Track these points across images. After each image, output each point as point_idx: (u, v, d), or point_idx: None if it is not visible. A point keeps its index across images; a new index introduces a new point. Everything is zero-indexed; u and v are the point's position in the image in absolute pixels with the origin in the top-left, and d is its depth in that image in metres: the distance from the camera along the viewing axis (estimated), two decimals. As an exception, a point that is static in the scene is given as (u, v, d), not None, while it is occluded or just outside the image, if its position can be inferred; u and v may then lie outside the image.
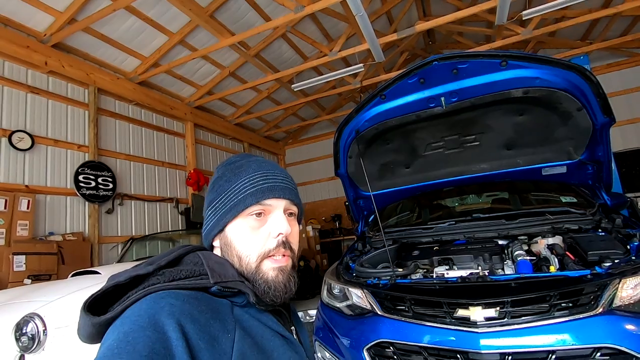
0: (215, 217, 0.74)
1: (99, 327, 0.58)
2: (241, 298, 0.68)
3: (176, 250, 0.70)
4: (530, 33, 5.75)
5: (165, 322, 0.53)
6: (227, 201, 0.73)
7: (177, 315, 0.55)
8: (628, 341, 1.31)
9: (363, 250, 2.59)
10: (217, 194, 0.75)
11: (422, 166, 2.70)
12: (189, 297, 0.60)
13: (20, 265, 3.84)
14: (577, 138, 2.21)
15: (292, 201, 0.76)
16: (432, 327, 1.55)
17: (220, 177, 0.77)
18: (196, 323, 0.56)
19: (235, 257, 0.71)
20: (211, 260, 0.70)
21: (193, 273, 0.65)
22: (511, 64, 1.92)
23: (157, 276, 0.63)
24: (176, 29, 5.38)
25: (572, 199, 2.52)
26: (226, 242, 0.73)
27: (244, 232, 0.72)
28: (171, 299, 0.57)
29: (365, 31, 4.96)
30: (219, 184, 0.76)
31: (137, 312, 0.55)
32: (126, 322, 0.54)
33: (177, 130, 6.92)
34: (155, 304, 0.56)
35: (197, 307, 0.59)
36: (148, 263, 0.65)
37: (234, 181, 0.74)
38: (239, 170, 0.75)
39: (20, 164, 4.30)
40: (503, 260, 1.98)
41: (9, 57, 4.27)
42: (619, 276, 1.47)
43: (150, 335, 0.51)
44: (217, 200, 0.74)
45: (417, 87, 2.15)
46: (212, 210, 0.75)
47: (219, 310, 0.62)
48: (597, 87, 1.88)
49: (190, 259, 0.70)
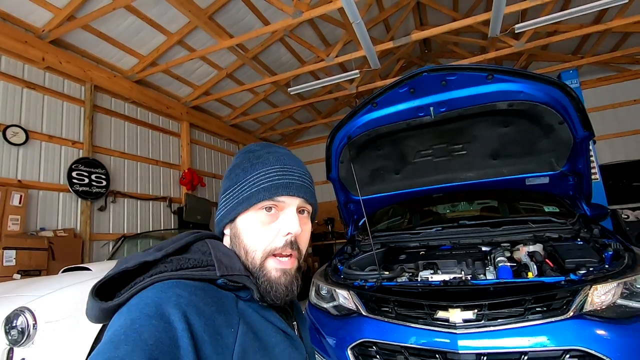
0: (228, 206, 0.73)
1: (106, 312, 0.59)
2: (246, 292, 0.68)
3: (185, 237, 0.70)
4: (522, 46, 5.89)
5: (171, 312, 0.54)
6: (241, 192, 0.72)
7: (184, 307, 0.55)
8: (596, 344, 1.38)
9: (352, 253, 2.65)
10: (233, 182, 0.74)
11: (411, 173, 2.78)
12: (195, 288, 0.60)
13: (10, 260, 3.83)
14: (558, 150, 2.31)
15: (306, 200, 0.74)
16: (413, 327, 1.61)
17: (238, 165, 0.75)
18: (202, 315, 0.56)
19: (242, 249, 0.71)
20: (219, 251, 0.69)
21: (200, 263, 0.65)
22: (497, 77, 2.01)
23: (165, 264, 0.63)
24: (175, 29, 5.43)
25: (555, 209, 2.62)
26: (235, 233, 0.72)
27: (254, 226, 0.70)
28: (178, 289, 0.58)
29: (362, 38, 5.05)
30: (235, 172, 0.75)
31: (145, 301, 0.55)
32: (133, 310, 0.54)
33: (172, 129, 6.94)
34: (162, 293, 0.57)
35: (204, 299, 0.59)
36: (157, 249, 0.65)
37: (250, 172, 0.72)
38: (257, 162, 0.73)
39: (14, 158, 4.30)
40: (485, 266, 2.06)
41: (6, 51, 4.29)
42: (591, 283, 1.55)
43: (156, 324, 0.52)
44: (231, 189, 0.73)
45: (407, 96, 2.22)
46: (226, 198, 0.74)
47: (224, 304, 0.62)
48: (578, 103, 1.97)
49: (199, 247, 0.70)
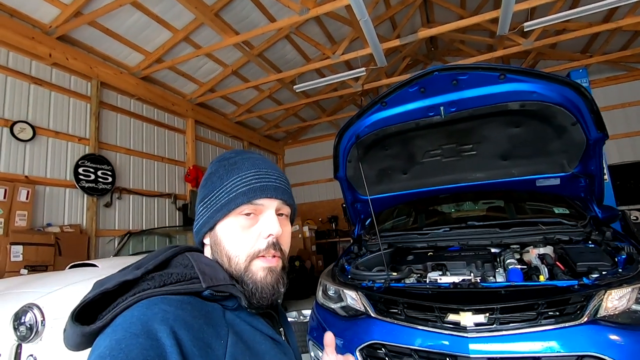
0: (206, 214, 0.73)
1: (89, 337, 0.56)
2: (232, 302, 0.67)
3: (163, 253, 0.68)
4: (531, 44, 5.83)
5: (158, 329, 0.52)
6: (218, 199, 0.71)
7: (171, 322, 0.54)
8: (610, 350, 1.36)
9: (359, 253, 2.64)
10: (209, 190, 0.73)
11: (419, 173, 2.76)
12: (182, 303, 0.58)
13: (18, 256, 3.86)
14: (570, 152, 2.27)
15: (284, 201, 0.75)
16: (423, 330, 1.60)
17: (214, 173, 0.75)
18: (190, 329, 0.55)
19: (224, 256, 0.70)
20: (201, 262, 0.68)
21: (184, 277, 0.64)
22: (509, 77, 1.98)
23: (147, 281, 0.61)
24: (181, 26, 5.42)
25: (565, 211, 2.59)
26: (216, 241, 0.72)
27: (234, 232, 0.70)
28: (164, 305, 0.56)
29: (369, 36, 5.01)
30: (211, 181, 0.74)
31: (129, 319, 0.54)
32: (118, 330, 0.53)
33: (177, 126, 6.95)
34: (147, 310, 0.55)
35: (191, 313, 0.58)
36: (135, 267, 0.64)
37: (226, 179, 0.72)
38: (232, 168, 0.73)
39: (21, 154, 4.33)
40: (495, 268, 2.03)
41: (14, 47, 4.30)
42: (605, 287, 1.52)
43: (143, 342, 0.50)
44: (208, 197, 0.73)
45: (417, 95, 2.20)
46: (204, 207, 0.74)
47: (212, 315, 0.61)
48: (592, 104, 1.94)
49: (180, 261, 0.68)
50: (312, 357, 2.08)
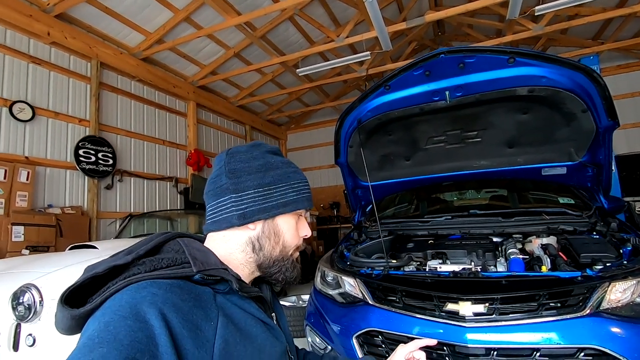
0: (268, 202, 0.74)
1: (78, 320, 0.57)
2: (224, 285, 0.68)
3: (155, 239, 0.70)
4: (541, 29, 5.65)
5: (147, 311, 0.53)
6: (286, 194, 0.76)
7: (159, 304, 0.54)
8: (612, 343, 1.33)
9: (358, 240, 2.61)
10: (273, 181, 0.75)
11: (422, 159, 2.70)
12: (171, 286, 0.59)
13: (19, 236, 3.88)
14: (579, 140, 2.20)
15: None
16: (421, 319, 1.57)
17: (277, 167, 0.77)
18: (179, 311, 0.56)
19: (280, 245, 0.77)
20: (192, 248, 0.70)
21: (175, 261, 0.65)
22: (518, 61, 1.89)
23: (138, 266, 0.62)
24: (182, 5, 5.29)
25: (570, 200, 2.53)
26: (275, 231, 0.77)
27: (292, 227, 0.79)
28: (153, 289, 0.57)
29: (374, 18, 4.87)
30: (276, 173, 0.77)
31: (118, 303, 0.55)
32: (107, 313, 0.53)
33: (179, 109, 6.88)
34: (136, 293, 0.56)
35: (180, 296, 0.58)
36: (126, 252, 0.65)
37: (293, 179, 0.79)
38: (295, 171, 0.80)
39: (21, 134, 4.29)
40: (496, 258, 2.00)
41: (11, 25, 4.21)
42: (609, 279, 1.48)
43: (131, 324, 0.51)
44: (272, 188, 0.75)
45: (422, 79, 2.12)
46: (264, 194, 0.75)
47: (202, 298, 0.62)
48: (604, 90, 1.86)
49: (171, 247, 0.70)
50: (309, 342, 2.07)
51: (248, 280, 0.78)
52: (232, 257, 0.75)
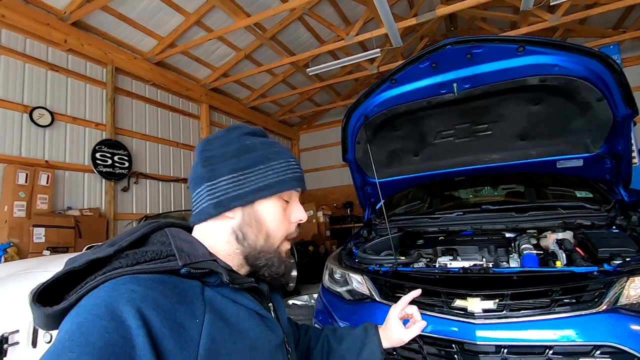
0: (243, 187, 0.69)
1: (54, 318, 0.53)
2: (214, 278, 0.64)
3: (141, 229, 0.66)
4: (558, 20, 5.48)
5: (123, 310, 0.49)
6: (264, 177, 0.70)
7: (138, 302, 0.50)
8: (631, 341, 1.26)
9: (368, 237, 2.57)
10: (249, 164, 0.70)
11: (431, 154, 2.64)
12: (153, 282, 0.55)
13: (40, 237, 4.01)
14: (595, 130, 2.11)
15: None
16: (429, 315, 1.53)
17: (255, 148, 0.72)
18: (159, 309, 0.52)
19: (263, 234, 0.71)
20: (179, 239, 0.66)
21: (160, 254, 0.61)
22: (528, 49, 1.83)
23: (120, 259, 0.58)
24: (193, 9, 5.37)
25: (588, 194, 2.43)
26: (256, 218, 0.70)
27: (277, 213, 0.73)
28: (132, 285, 0.53)
29: (384, 15, 4.82)
30: (251, 155, 0.71)
31: (94, 301, 0.51)
32: (81, 312, 0.50)
33: (192, 111, 6.98)
34: (113, 290, 0.52)
35: (162, 292, 0.54)
36: (109, 244, 0.61)
37: (273, 159, 0.72)
38: (276, 149, 0.74)
39: (41, 139, 4.44)
40: (509, 253, 1.93)
41: (30, 34, 4.36)
42: (628, 274, 1.41)
43: (106, 325, 0.47)
44: (250, 171, 0.69)
45: (429, 72, 2.08)
46: (239, 179, 0.69)
47: (187, 294, 0.58)
48: (620, 76, 1.77)
49: (157, 238, 0.66)
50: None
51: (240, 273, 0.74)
52: (218, 248, 0.70)
